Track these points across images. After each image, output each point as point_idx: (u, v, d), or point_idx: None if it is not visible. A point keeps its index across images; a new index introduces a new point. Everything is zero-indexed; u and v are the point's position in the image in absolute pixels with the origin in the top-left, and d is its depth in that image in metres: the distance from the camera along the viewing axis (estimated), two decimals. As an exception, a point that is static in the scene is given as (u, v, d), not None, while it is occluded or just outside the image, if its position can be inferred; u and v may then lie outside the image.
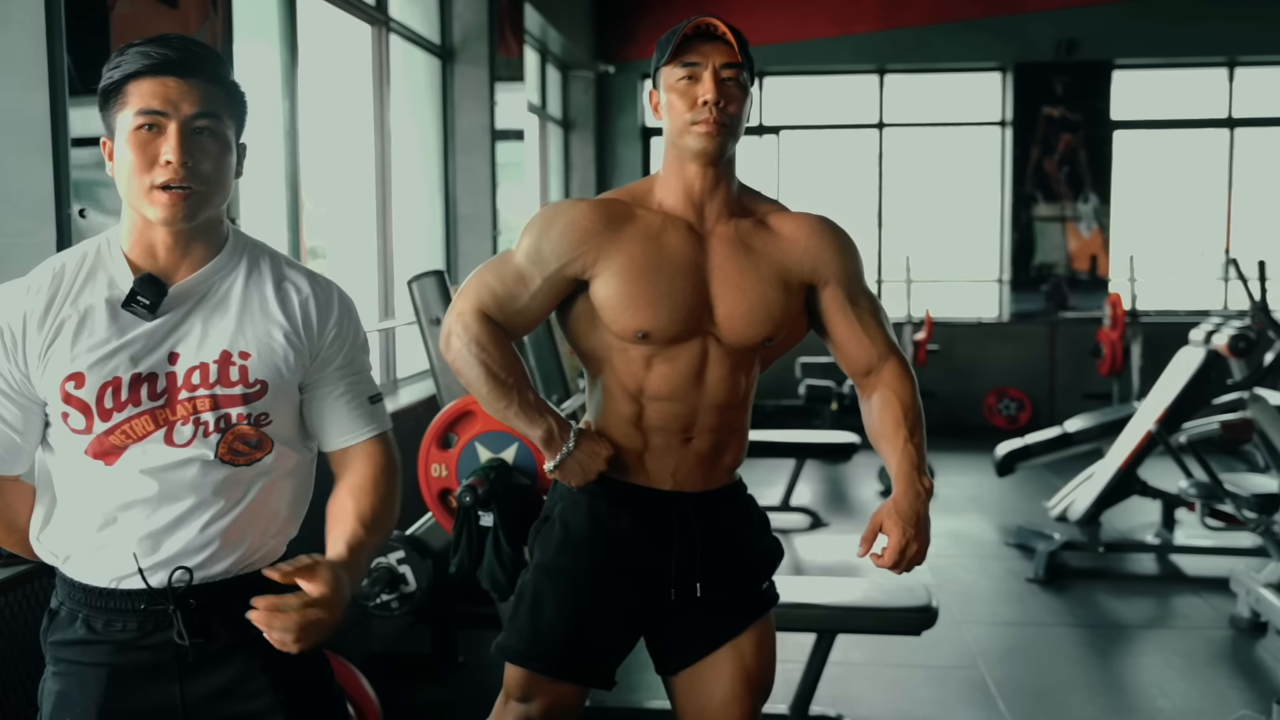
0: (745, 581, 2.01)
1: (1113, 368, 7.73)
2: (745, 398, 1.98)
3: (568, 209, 1.92)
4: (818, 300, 1.98)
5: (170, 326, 1.49)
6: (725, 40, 1.82)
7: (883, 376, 1.98)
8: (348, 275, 4.87)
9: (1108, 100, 8.71)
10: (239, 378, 1.50)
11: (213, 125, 1.45)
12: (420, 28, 5.29)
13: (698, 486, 1.97)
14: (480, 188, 5.65)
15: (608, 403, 1.96)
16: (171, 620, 1.49)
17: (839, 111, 9.25)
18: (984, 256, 9.18)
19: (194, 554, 1.50)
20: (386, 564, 2.76)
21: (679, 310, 1.86)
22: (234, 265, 1.54)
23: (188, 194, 1.43)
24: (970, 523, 5.93)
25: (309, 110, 4.07)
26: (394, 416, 4.22)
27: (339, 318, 1.60)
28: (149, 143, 1.42)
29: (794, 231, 1.95)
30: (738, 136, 1.88)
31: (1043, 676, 3.84)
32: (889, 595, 3.20)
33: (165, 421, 1.48)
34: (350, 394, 1.62)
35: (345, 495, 1.60)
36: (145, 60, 1.43)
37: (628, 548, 1.95)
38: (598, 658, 1.98)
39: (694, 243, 1.89)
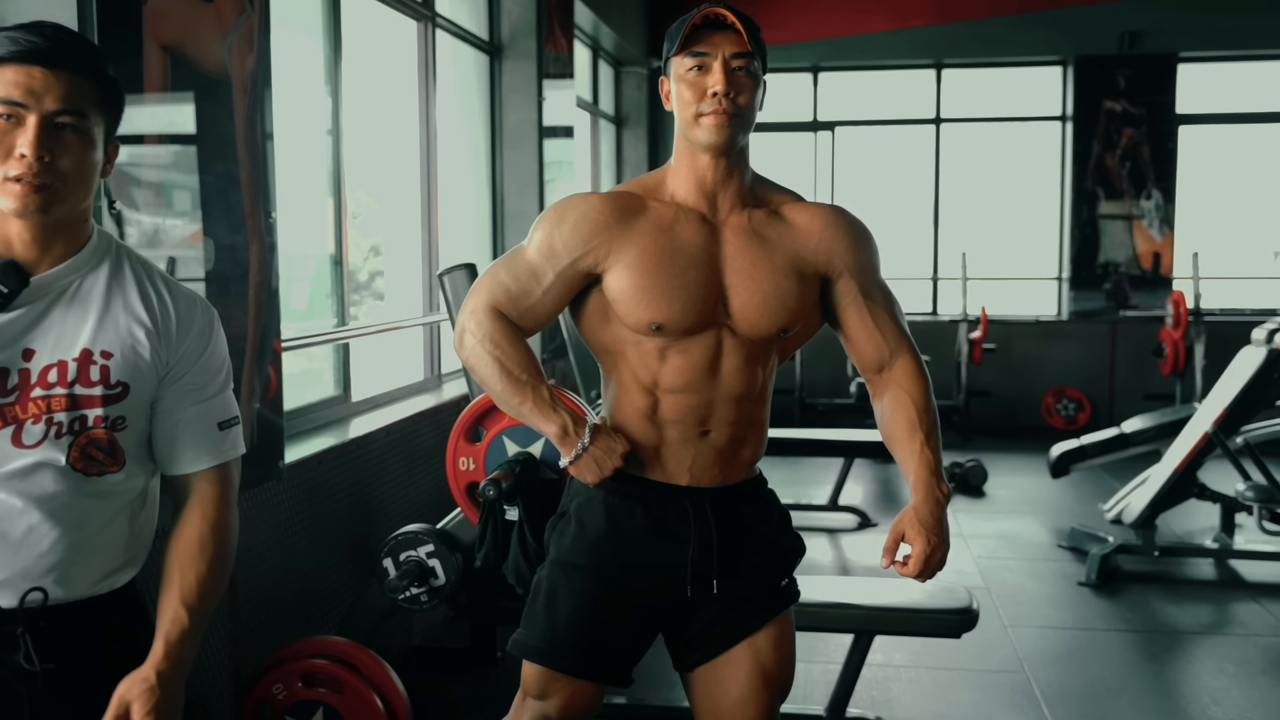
0: (764, 578, 1.97)
1: (1175, 368, 7.55)
2: (763, 390, 1.95)
3: (579, 202, 1.90)
4: (831, 292, 1.95)
5: (27, 321, 1.41)
6: (735, 29, 1.79)
7: (895, 375, 1.95)
8: (401, 271, 4.90)
9: (1173, 94, 8.50)
10: (100, 378, 1.44)
11: (76, 121, 1.38)
12: (468, 23, 5.30)
13: (715, 482, 1.94)
14: (527, 183, 5.65)
15: (622, 397, 1.93)
16: (17, 643, 1.41)
17: (895, 107, 9.14)
18: (1042, 254, 9.02)
19: (42, 575, 1.42)
20: (416, 558, 2.76)
21: (692, 302, 1.83)
22: (96, 264, 1.47)
23: (41, 188, 1.36)
24: (1022, 524, 5.82)
25: (361, 106, 4.10)
26: (436, 411, 4.27)
27: (200, 331, 1.54)
28: (6, 133, 1.35)
29: (808, 222, 1.92)
30: (749, 127, 1.85)
31: (1091, 682, 3.75)
32: (929, 597, 3.14)
33: (14, 419, 1.40)
34: (198, 416, 1.55)
35: (175, 559, 1.53)
36: (12, 47, 1.36)
37: (644, 544, 1.93)
38: (615, 655, 1.95)
39: (707, 234, 1.87)
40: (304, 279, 3.94)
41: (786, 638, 2.00)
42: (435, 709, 3.33)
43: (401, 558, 2.77)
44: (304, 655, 2.72)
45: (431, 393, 4.65)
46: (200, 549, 1.54)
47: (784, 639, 1.99)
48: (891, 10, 8.62)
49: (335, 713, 2.65)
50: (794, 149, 9.12)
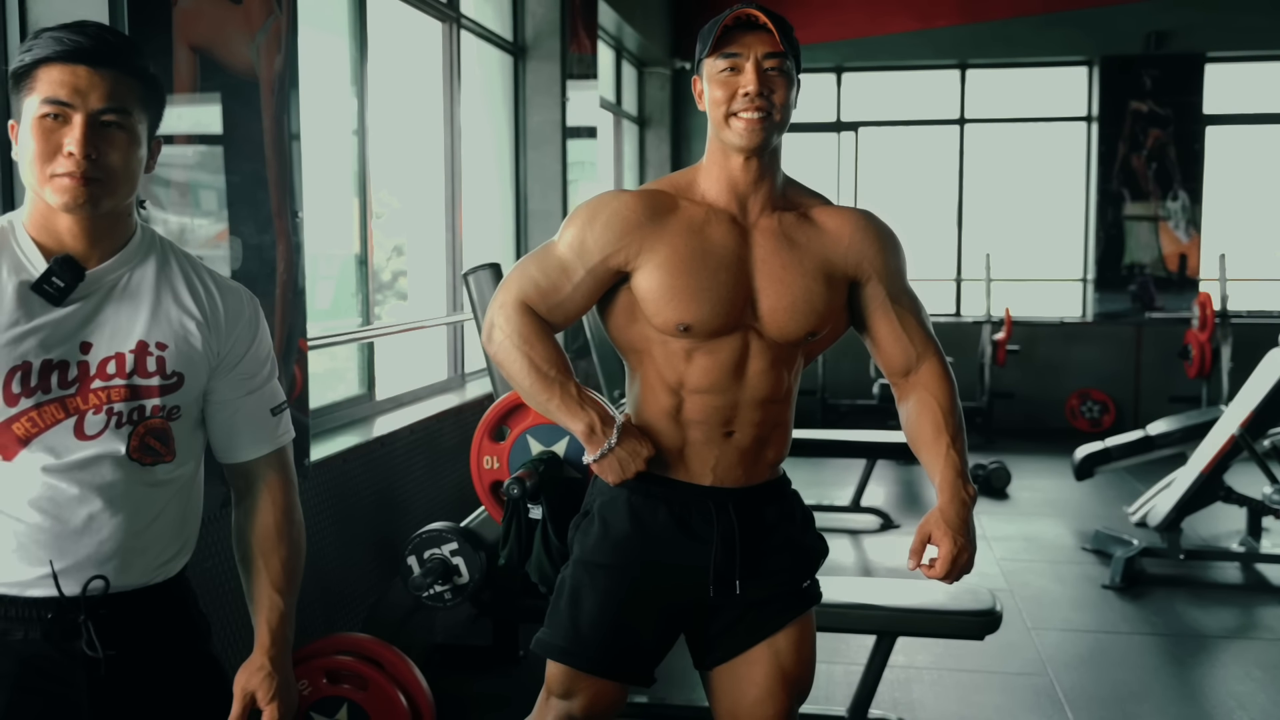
0: (787, 579, 1.97)
1: (1201, 370, 7.49)
2: (788, 392, 1.95)
3: (611, 200, 1.90)
4: (859, 296, 1.95)
5: (83, 315, 1.45)
6: (767, 30, 1.78)
7: (920, 378, 1.95)
8: (425, 271, 4.92)
9: (1200, 95, 8.44)
10: (156, 368, 1.48)
11: (121, 119, 1.41)
12: (492, 24, 5.32)
13: (739, 482, 1.94)
14: (551, 183, 5.67)
15: (647, 395, 1.94)
16: (80, 630, 1.45)
17: (919, 107, 9.11)
18: (1067, 255, 8.97)
19: (102, 563, 1.46)
20: (440, 555, 2.77)
21: (721, 304, 1.83)
22: (143, 258, 1.51)
23: (89, 183, 1.39)
24: (1046, 527, 5.79)
25: (385, 106, 4.12)
26: (459, 410, 4.29)
27: (249, 320, 1.59)
28: (53, 131, 1.39)
29: (838, 226, 1.92)
30: (783, 128, 1.84)
31: (1115, 685, 3.73)
32: (952, 598, 3.13)
33: (76, 410, 1.43)
34: (253, 404, 1.61)
35: (256, 546, 1.62)
36: (57, 46, 1.39)
37: (666, 544, 1.93)
38: (638, 654, 1.96)
39: (737, 235, 1.87)
40: (328, 278, 3.97)
41: (807, 639, 1.99)
42: (457, 707, 3.34)
43: (425, 555, 2.78)
44: (329, 652, 2.74)
45: (455, 392, 4.67)
46: (279, 533, 1.63)
47: (804, 640, 1.98)
48: (916, 11, 8.59)
49: (360, 709, 2.67)
50: (817, 149, 9.10)
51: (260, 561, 1.62)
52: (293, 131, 2.93)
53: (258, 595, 1.62)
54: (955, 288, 9.05)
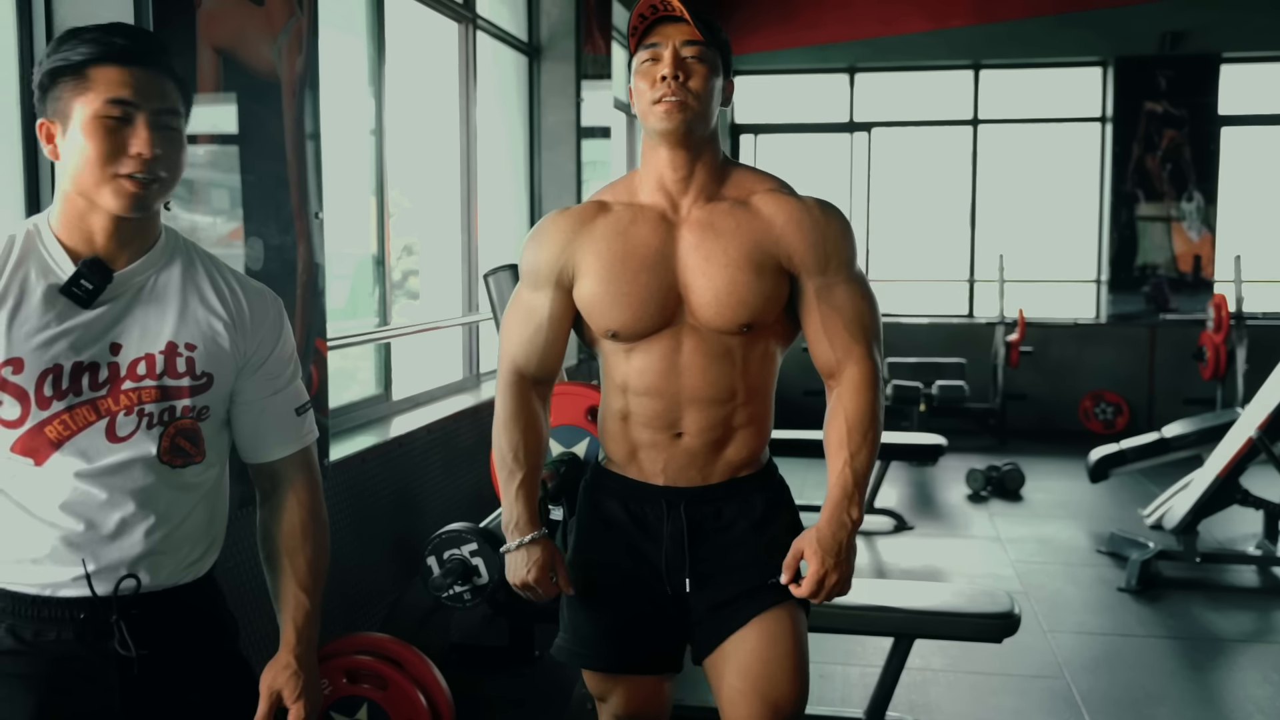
0: (747, 576, 1.91)
1: (1216, 372, 7.46)
2: (735, 390, 1.87)
3: (543, 223, 1.94)
4: (795, 289, 1.88)
5: (112, 317, 1.45)
6: (685, 20, 1.78)
7: (841, 386, 1.89)
8: (437, 271, 4.93)
9: (1215, 95, 8.41)
10: (186, 369, 1.49)
11: (173, 120, 1.44)
12: (507, 25, 5.32)
13: (693, 482, 1.91)
14: (565, 184, 5.67)
15: (605, 398, 1.96)
16: (112, 630, 1.46)
17: (932, 108, 9.10)
18: (1081, 256, 8.94)
19: (133, 565, 1.47)
20: (460, 556, 2.78)
21: (645, 306, 1.82)
22: (169, 259, 1.52)
23: (152, 184, 1.41)
24: (1060, 529, 5.77)
25: (398, 106, 4.13)
26: (475, 410, 4.28)
27: (274, 320, 1.61)
28: (116, 131, 1.39)
29: (771, 214, 1.85)
30: (706, 116, 1.81)
31: (1131, 688, 3.72)
32: (969, 601, 3.13)
33: (107, 412, 1.44)
34: (279, 404, 1.63)
35: (281, 545, 1.64)
36: (103, 48, 1.39)
37: (627, 540, 1.94)
38: (642, 646, 1.95)
39: (663, 232, 1.85)
40: (342, 277, 3.98)
41: (783, 635, 1.89)
42: (474, 706, 3.35)
43: (445, 556, 2.79)
44: (349, 651, 2.74)
45: (470, 392, 4.68)
46: (304, 532, 1.65)
47: (779, 635, 1.89)
48: (929, 11, 8.57)
49: (379, 709, 2.68)
50: (830, 150, 9.09)
51: (286, 560, 1.64)
52: (313, 131, 2.94)
53: (284, 594, 1.63)
54: (968, 288, 9.03)
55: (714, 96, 1.82)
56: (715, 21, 1.82)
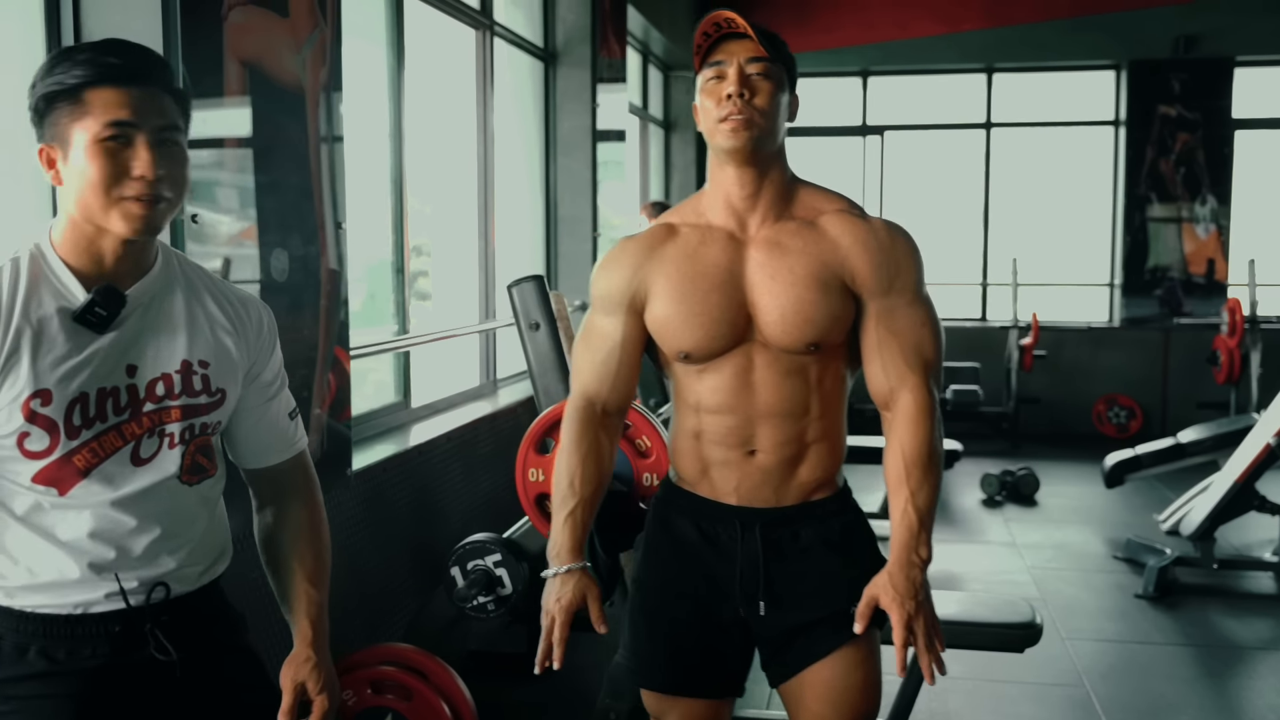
0: (826, 603, 1.90)
1: (1230, 376, 7.45)
2: (809, 405, 1.87)
3: (613, 250, 1.94)
4: (861, 312, 1.86)
5: (125, 340, 1.44)
6: (749, 36, 1.77)
7: (895, 417, 1.86)
8: (450, 274, 4.93)
9: (1229, 99, 8.40)
10: (202, 387, 1.50)
11: (175, 136, 1.41)
12: (523, 31, 5.33)
13: (768, 503, 1.89)
14: (581, 189, 5.67)
15: (676, 417, 1.95)
16: (146, 639, 1.47)
17: (945, 111, 9.09)
18: (1094, 260, 8.93)
19: (165, 576, 1.49)
20: (484, 567, 2.78)
21: (715, 326, 1.82)
22: (169, 275, 1.51)
23: (158, 203, 1.39)
24: (1075, 534, 5.77)
25: (414, 111, 4.13)
26: (494, 418, 4.28)
27: (268, 328, 1.62)
28: (117, 154, 1.36)
29: (839, 234, 1.84)
30: (773, 133, 1.80)
31: (1151, 697, 3.72)
32: (991, 610, 3.12)
33: (132, 435, 1.44)
34: (276, 410, 1.65)
35: (288, 545, 1.66)
36: (98, 69, 1.36)
37: (697, 559, 1.92)
38: (705, 669, 1.93)
39: (732, 251, 1.84)
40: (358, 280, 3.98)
41: (861, 663, 1.90)
42: (494, 714, 3.35)
43: (469, 566, 2.79)
44: (373, 662, 2.74)
45: (487, 399, 4.68)
46: (311, 531, 1.68)
47: (858, 665, 1.90)
48: (942, 14, 8.56)
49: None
50: (843, 153, 9.09)
51: (295, 560, 1.66)
52: (336, 135, 2.94)
53: (294, 592, 1.66)
54: (981, 292, 9.01)
55: (780, 113, 1.81)
56: (779, 37, 1.81)
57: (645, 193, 8.06)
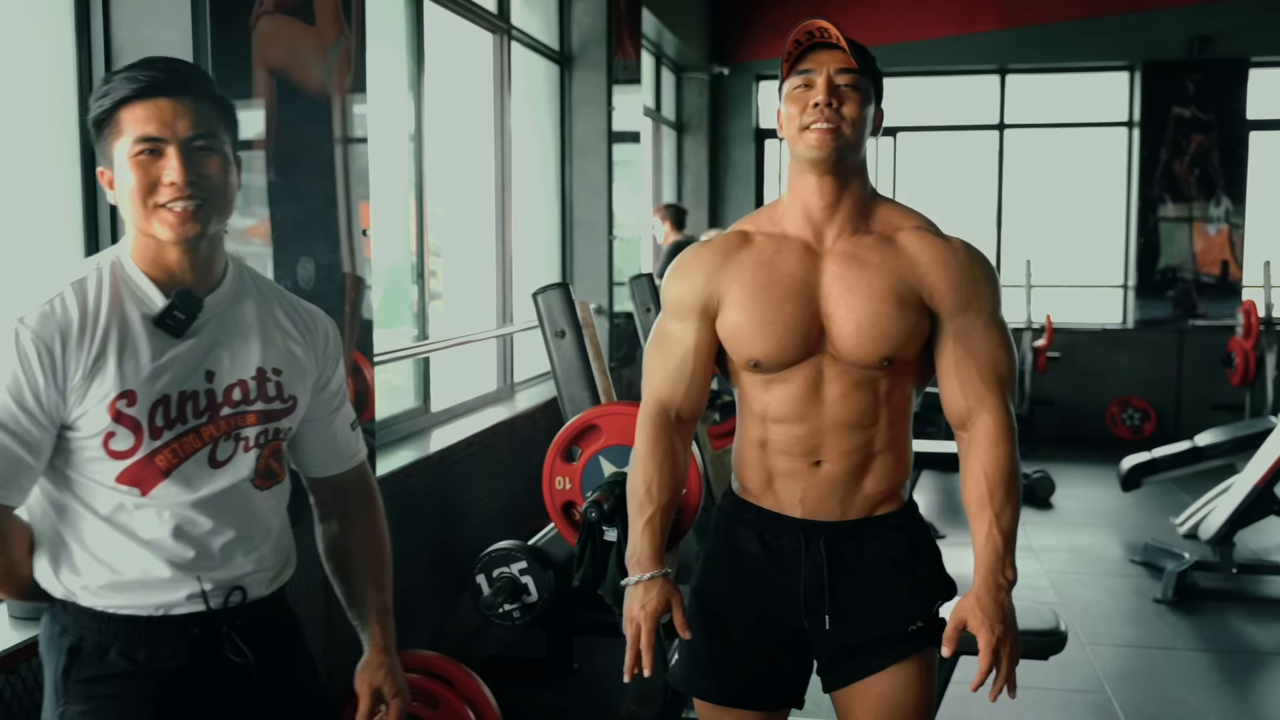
0: (884, 623, 1.90)
1: (1245, 378, 7.43)
2: (876, 417, 1.86)
3: (688, 254, 1.94)
4: (936, 330, 1.86)
5: (203, 346, 1.49)
6: (840, 47, 1.77)
7: (974, 437, 1.84)
8: (461, 276, 4.93)
9: (1243, 100, 8.37)
10: (276, 393, 1.55)
11: (210, 142, 1.45)
12: (539, 34, 5.33)
13: (833, 516, 1.89)
14: (596, 192, 5.68)
15: (742, 427, 1.94)
16: (222, 642, 1.51)
17: (958, 112, 9.07)
18: (1108, 261, 8.91)
19: (241, 580, 1.54)
20: (509, 574, 2.78)
21: (788, 335, 1.81)
22: (242, 285, 1.57)
23: (196, 208, 1.43)
24: (1092, 538, 5.75)
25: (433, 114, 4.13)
26: (512, 423, 4.28)
27: (334, 340, 1.67)
28: (149, 166, 1.42)
29: (917, 251, 1.84)
30: (857, 144, 1.80)
31: (1174, 704, 3.70)
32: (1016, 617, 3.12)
33: (210, 438, 1.49)
34: (341, 420, 1.69)
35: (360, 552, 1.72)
36: (134, 85, 1.42)
37: (759, 572, 1.92)
38: (762, 681, 1.93)
39: (808, 262, 1.84)
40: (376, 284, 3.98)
41: (915, 681, 1.91)
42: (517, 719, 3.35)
43: (494, 574, 2.79)
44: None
45: (505, 404, 4.68)
46: (376, 538, 1.74)
47: (910, 684, 1.90)
48: (955, 15, 8.55)
49: (429, 727, 2.68)
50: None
51: (364, 567, 1.71)
52: (361, 143, 2.95)
53: (364, 599, 1.71)
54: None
55: (866, 125, 1.80)
56: (868, 50, 1.81)
57: (659, 195, 8.06)
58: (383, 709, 1.69)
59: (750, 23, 8.69)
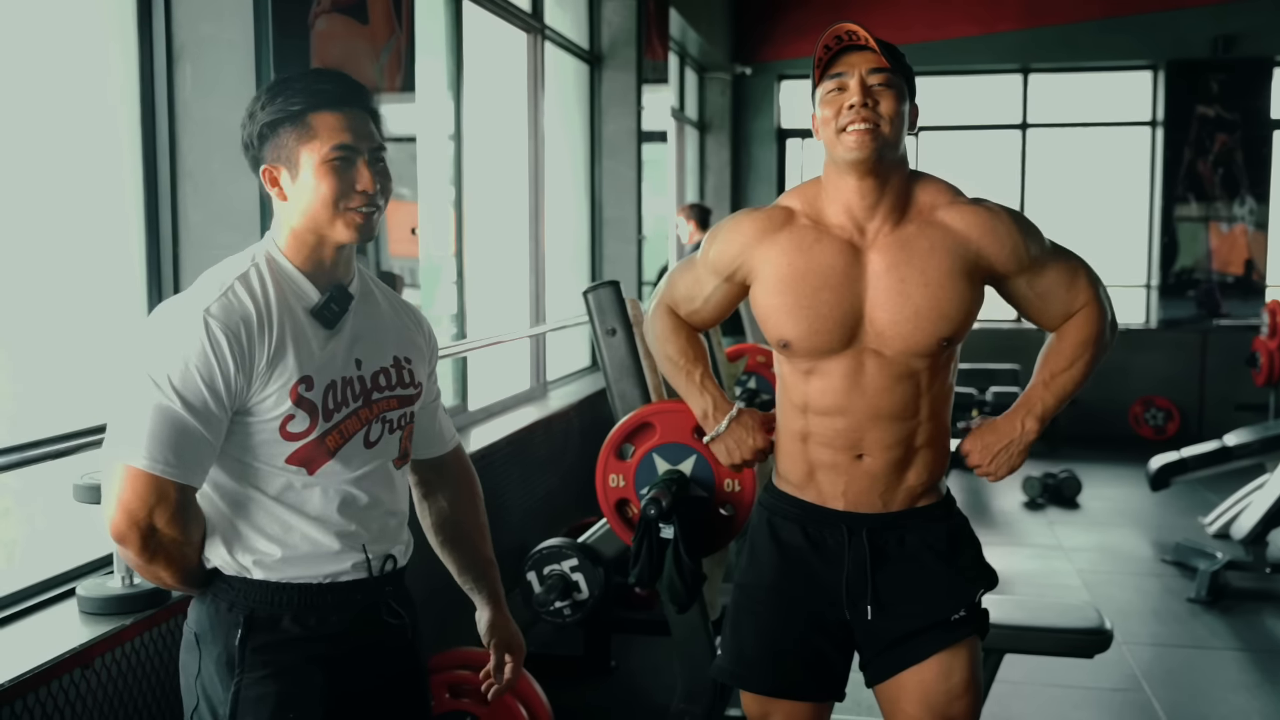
0: (925, 612, 1.92)
1: (1270, 378, 7.39)
2: (918, 408, 1.89)
3: (733, 220, 1.98)
4: (1003, 288, 1.95)
5: (351, 336, 1.60)
6: (870, 48, 1.78)
7: (1072, 319, 1.96)
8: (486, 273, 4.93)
9: (1268, 99, 8.35)
10: (410, 380, 1.67)
11: (383, 154, 1.58)
12: (569, 33, 5.33)
13: (874, 508, 1.92)
14: (625, 191, 5.68)
15: (782, 419, 1.98)
16: (379, 607, 1.64)
17: (981, 112, 9.06)
18: (1131, 261, 8.89)
19: (394, 548, 1.66)
20: (560, 571, 2.78)
21: (821, 321, 1.84)
22: (365, 282, 1.68)
23: (375, 213, 1.56)
24: (1123, 537, 5.74)
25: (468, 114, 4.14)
26: (548, 422, 4.28)
27: (432, 332, 1.81)
28: (343, 172, 1.52)
29: (964, 226, 1.87)
30: (895, 142, 1.81)
31: (1214, 703, 3.70)
32: (1060, 615, 3.12)
33: (366, 420, 1.59)
34: (441, 404, 1.83)
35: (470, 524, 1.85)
36: (320, 95, 1.52)
37: (802, 562, 1.95)
38: (806, 672, 1.95)
39: (849, 256, 1.86)
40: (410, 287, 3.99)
41: (959, 669, 1.92)
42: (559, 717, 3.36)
43: (545, 571, 2.79)
44: (450, 666, 2.76)
45: (538, 402, 4.69)
46: (482, 510, 1.89)
47: (956, 670, 1.92)
48: (977, 15, 8.54)
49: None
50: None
51: (475, 537, 1.86)
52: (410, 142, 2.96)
53: (479, 565, 1.86)
54: (1015, 293, 8.97)
55: (903, 121, 1.83)
56: (899, 49, 1.83)
57: (682, 194, 8.06)
58: (508, 657, 1.85)
59: (772, 22, 8.69)
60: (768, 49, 8.75)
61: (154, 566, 1.50)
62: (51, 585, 2.16)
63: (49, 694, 1.80)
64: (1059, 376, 1.94)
